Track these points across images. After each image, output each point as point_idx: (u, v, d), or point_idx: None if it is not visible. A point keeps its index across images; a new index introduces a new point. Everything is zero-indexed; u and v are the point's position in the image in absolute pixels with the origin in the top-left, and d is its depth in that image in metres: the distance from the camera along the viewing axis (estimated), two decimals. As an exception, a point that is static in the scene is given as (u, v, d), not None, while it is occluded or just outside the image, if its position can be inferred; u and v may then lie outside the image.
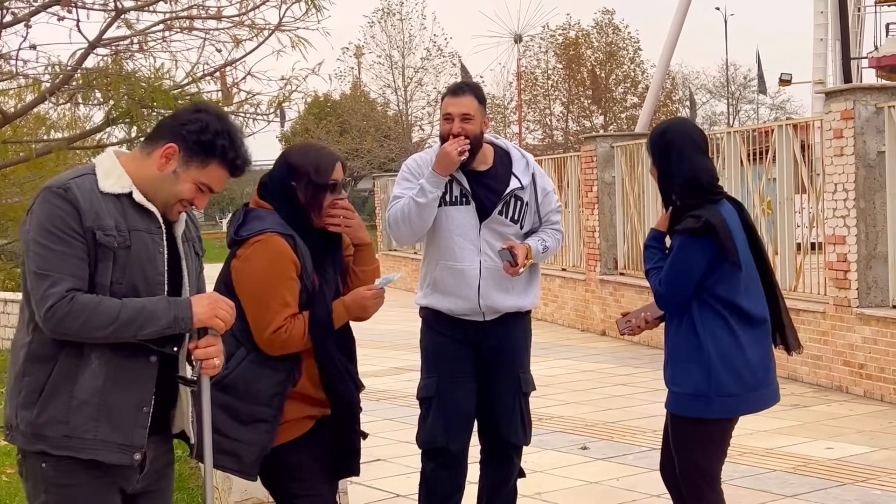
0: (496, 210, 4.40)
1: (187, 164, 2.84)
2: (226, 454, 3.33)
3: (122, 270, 2.76)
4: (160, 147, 2.84)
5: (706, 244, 3.69)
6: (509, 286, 4.42)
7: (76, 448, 2.74)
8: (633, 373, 9.74)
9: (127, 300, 2.72)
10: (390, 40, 40.87)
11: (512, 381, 4.44)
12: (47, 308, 2.67)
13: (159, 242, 2.84)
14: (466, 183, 4.38)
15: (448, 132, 4.35)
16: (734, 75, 51.38)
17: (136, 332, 2.73)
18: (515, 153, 4.55)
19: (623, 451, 6.76)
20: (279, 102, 6.26)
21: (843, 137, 8.41)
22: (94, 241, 2.72)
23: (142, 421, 2.83)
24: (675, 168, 3.78)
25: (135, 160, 2.87)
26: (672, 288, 3.75)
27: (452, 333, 4.43)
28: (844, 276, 8.45)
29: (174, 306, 2.78)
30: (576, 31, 40.25)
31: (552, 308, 14.14)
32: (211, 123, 2.85)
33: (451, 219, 4.38)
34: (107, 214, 2.75)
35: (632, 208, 12.18)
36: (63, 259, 2.69)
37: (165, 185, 2.84)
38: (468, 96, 4.39)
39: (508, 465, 4.52)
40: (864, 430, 7.17)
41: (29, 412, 2.75)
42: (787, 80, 32.99)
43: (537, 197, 4.51)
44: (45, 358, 2.75)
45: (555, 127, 40.82)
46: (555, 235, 4.57)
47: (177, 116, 2.92)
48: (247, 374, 3.35)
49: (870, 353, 8.24)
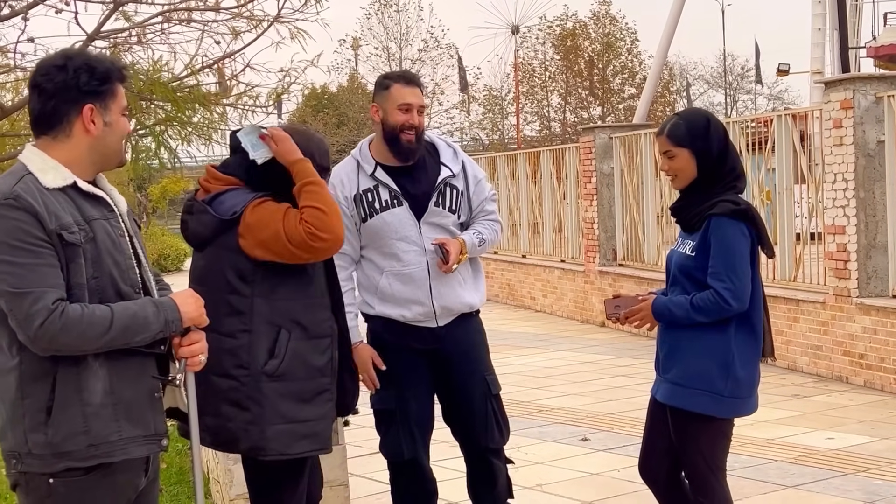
0: (431, 202, 4.22)
1: (107, 107, 2.75)
2: (305, 439, 3.38)
3: (95, 264, 2.67)
4: (75, 119, 2.71)
5: (745, 228, 3.62)
6: (461, 279, 4.26)
7: (105, 454, 2.66)
8: (633, 364, 9.74)
9: (116, 307, 2.64)
10: (387, 32, 40.87)
11: (478, 385, 4.29)
12: (38, 325, 2.54)
13: (117, 226, 2.77)
14: (394, 184, 4.21)
15: (407, 122, 4.16)
16: (732, 66, 51.37)
17: (128, 341, 2.66)
18: (441, 143, 4.37)
19: (623, 442, 6.76)
20: (278, 94, 6.24)
21: (842, 127, 8.40)
22: (61, 242, 2.61)
23: (158, 407, 2.81)
24: (731, 159, 3.72)
25: (56, 149, 2.72)
26: (739, 277, 3.56)
27: (408, 343, 4.25)
28: (844, 266, 8.45)
29: (163, 310, 2.72)
30: (573, 22, 40.20)
31: (551, 300, 14.14)
32: (84, 62, 2.72)
33: (387, 224, 4.20)
34: (63, 212, 2.64)
35: (630, 199, 12.17)
36: (36, 271, 2.57)
37: (107, 140, 2.76)
38: (419, 88, 4.26)
39: (491, 469, 4.38)
40: (864, 420, 7.18)
41: (41, 434, 2.62)
42: (785, 70, 32.98)
43: (468, 186, 4.32)
44: (42, 375, 2.63)
45: (552, 118, 40.78)
46: (492, 226, 4.37)
47: (58, 85, 2.69)
48: (298, 352, 3.37)
49: (870, 343, 8.24)
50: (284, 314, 3.37)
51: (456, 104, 42.17)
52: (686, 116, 3.81)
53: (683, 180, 3.75)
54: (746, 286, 3.61)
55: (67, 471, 2.65)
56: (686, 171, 3.73)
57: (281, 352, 3.34)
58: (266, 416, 3.33)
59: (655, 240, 11.76)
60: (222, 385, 3.34)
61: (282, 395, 3.33)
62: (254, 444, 3.35)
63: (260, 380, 3.33)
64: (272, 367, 3.33)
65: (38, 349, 2.59)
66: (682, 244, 3.79)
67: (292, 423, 3.34)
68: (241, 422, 3.34)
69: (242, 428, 3.34)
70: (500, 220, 4.46)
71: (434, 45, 40.74)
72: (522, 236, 15.47)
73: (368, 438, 5.42)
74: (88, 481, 2.67)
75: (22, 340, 2.60)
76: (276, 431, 3.34)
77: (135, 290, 2.77)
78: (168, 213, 35.55)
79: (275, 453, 3.35)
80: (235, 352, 3.35)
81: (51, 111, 2.72)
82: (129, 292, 2.74)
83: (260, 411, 3.33)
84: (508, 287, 15.54)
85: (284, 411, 3.33)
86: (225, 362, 3.32)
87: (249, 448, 3.37)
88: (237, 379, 3.34)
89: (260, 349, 3.35)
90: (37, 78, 2.73)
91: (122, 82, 2.81)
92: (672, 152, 3.73)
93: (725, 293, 3.57)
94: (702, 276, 3.65)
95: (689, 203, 3.75)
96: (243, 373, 3.34)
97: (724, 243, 3.59)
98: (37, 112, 2.74)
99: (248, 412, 3.33)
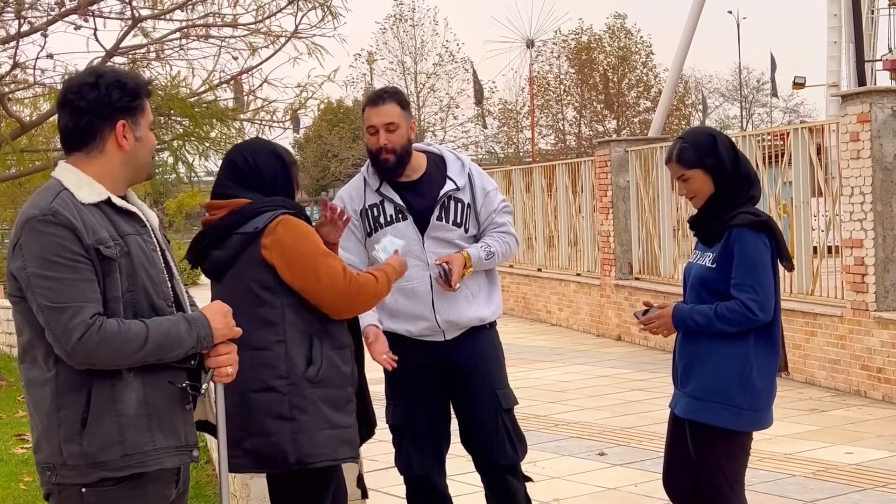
0: (433, 216, 4.18)
1: (137, 123, 2.79)
2: (346, 445, 3.41)
3: (130, 278, 2.70)
4: (109, 135, 2.74)
5: (766, 238, 3.62)
6: (469, 295, 4.21)
7: (139, 464, 2.69)
8: (650, 378, 9.71)
9: (151, 324, 2.68)
10: (402, 46, 40.97)
11: (489, 400, 4.22)
12: (76, 340, 2.58)
13: (150, 241, 2.81)
14: (399, 198, 4.19)
15: (375, 145, 4.14)
16: (747, 79, 51.34)
17: (162, 356, 2.70)
18: (450, 156, 4.34)
19: (641, 456, 6.74)
20: (294, 110, 6.27)
21: (859, 140, 8.38)
22: (98, 257, 2.64)
23: (189, 419, 2.83)
24: (743, 167, 3.72)
25: (90, 165, 2.76)
26: (763, 287, 3.56)
27: (415, 358, 4.21)
28: (862, 280, 8.42)
29: (195, 326, 2.74)
30: (588, 35, 40.25)
31: (567, 313, 14.12)
32: (115, 79, 2.76)
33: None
34: (99, 226, 2.68)
35: (646, 213, 12.15)
36: (75, 286, 2.61)
37: (138, 155, 2.80)
38: (389, 104, 4.16)
39: (507, 487, 4.29)
40: (883, 435, 7.13)
41: (76, 445, 2.65)
42: (801, 83, 32.90)
43: (476, 197, 4.26)
44: (77, 386, 2.66)
45: (568, 132, 40.80)
46: (503, 238, 4.29)
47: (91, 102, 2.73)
48: (332, 360, 3.40)
49: (888, 357, 8.19)
50: (313, 322, 3.39)
51: (471, 118, 42.25)
52: (690, 138, 3.81)
53: (702, 199, 3.76)
54: (771, 297, 3.61)
55: (101, 481, 2.67)
56: (703, 190, 3.74)
57: (318, 358, 3.36)
58: (313, 423, 3.34)
59: (672, 253, 11.74)
60: (263, 400, 3.32)
61: (323, 401, 3.35)
62: (303, 452, 3.33)
63: (303, 386, 3.33)
64: (312, 372, 3.34)
65: (74, 363, 2.63)
66: (700, 256, 3.78)
67: (336, 429, 3.37)
68: (288, 433, 3.32)
69: (290, 439, 3.33)
70: (513, 233, 4.38)
71: (449, 60, 40.82)
72: (538, 250, 15.45)
73: (385, 452, 5.40)
74: (120, 491, 2.70)
75: (59, 354, 2.63)
76: (325, 437, 3.35)
77: (168, 304, 2.80)
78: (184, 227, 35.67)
79: (326, 459, 3.35)
80: (272, 363, 3.34)
81: (84, 128, 2.75)
82: (163, 306, 2.78)
83: (307, 419, 3.33)
84: (524, 300, 15.52)
85: (329, 417, 3.35)
86: (263, 375, 3.32)
87: (299, 458, 3.34)
88: (278, 390, 3.33)
89: (298, 357, 3.35)
90: (68, 96, 2.76)
91: (148, 97, 2.87)
92: (686, 175, 3.74)
93: (751, 304, 3.56)
94: (722, 287, 3.64)
95: (709, 216, 3.75)
96: (284, 382, 3.33)
97: (746, 254, 3.59)
98: (69, 129, 2.77)
99: (294, 422, 3.33)
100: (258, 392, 3.31)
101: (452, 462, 4.51)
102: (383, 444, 4.71)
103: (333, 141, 42.61)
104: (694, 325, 3.68)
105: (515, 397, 4.35)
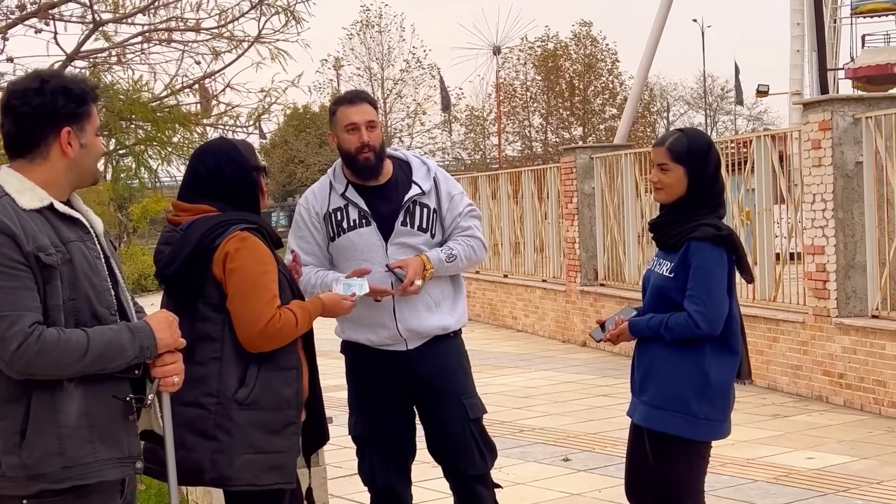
0: (398, 221, 4.12)
1: (83, 129, 2.74)
2: (273, 470, 3.31)
3: (71, 286, 2.65)
4: (53, 142, 2.69)
5: (724, 253, 3.63)
6: (431, 304, 4.13)
7: (79, 476, 2.64)
8: (614, 384, 9.73)
9: (92, 333, 2.62)
10: (369, 52, 40.99)
11: (456, 411, 4.14)
12: (14, 349, 2.52)
13: (93, 248, 2.75)
14: (364, 204, 4.13)
15: (358, 142, 4.07)
16: (711, 86, 51.78)
17: (103, 367, 2.65)
18: (415, 161, 4.27)
19: (605, 462, 6.75)
20: (258, 115, 6.23)
21: (821, 148, 8.45)
22: (38, 264, 2.58)
23: (132, 430, 2.79)
24: (719, 185, 3.75)
25: (33, 171, 2.70)
26: (714, 302, 3.58)
27: (378, 368, 4.16)
28: (823, 286, 8.49)
29: (138, 335, 2.70)
30: (554, 42, 40.44)
31: (532, 319, 14.15)
32: (61, 84, 2.71)
33: (353, 244, 4.12)
34: (40, 233, 2.61)
35: (611, 219, 12.20)
36: (13, 295, 2.54)
37: (83, 161, 2.75)
38: (366, 104, 4.15)
39: (476, 495, 4.23)
40: (844, 440, 7.20)
41: (15, 456, 2.60)
42: (765, 91, 33.28)
43: (441, 202, 4.19)
44: (17, 397, 2.60)
45: (534, 138, 40.96)
46: (467, 242, 4.19)
47: (35, 108, 2.67)
48: (269, 382, 3.32)
49: (849, 363, 8.27)
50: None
51: (438, 124, 42.33)
52: (690, 135, 3.80)
53: (669, 196, 3.74)
54: (720, 312, 3.62)
55: (41, 493, 2.62)
56: (675, 188, 3.72)
57: (251, 381, 3.28)
58: (234, 446, 3.25)
59: (636, 259, 11.79)
60: (189, 414, 3.25)
61: (251, 425, 3.26)
62: (220, 473, 3.26)
63: (230, 408, 3.26)
64: (243, 394, 3.26)
65: (12, 373, 2.58)
66: (658, 264, 3.78)
67: (261, 454, 3.27)
68: (207, 451, 3.25)
69: (208, 458, 3.25)
70: (479, 236, 4.28)
71: (416, 66, 40.90)
72: (504, 256, 15.48)
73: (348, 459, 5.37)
74: (63, 502, 2.65)
75: None
76: (245, 461, 3.26)
77: (111, 312, 2.75)
78: (149, 233, 35.41)
79: (243, 483, 3.27)
80: (205, 379, 3.28)
81: (27, 134, 2.70)
82: (105, 314, 2.72)
83: (228, 440, 3.25)
84: (490, 306, 15.53)
85: (253, 441, 3.26)
86: (193, 390, 3.23)
87: (215, 479, 3.28)
88: (205, 407, 3.27)
89: (230, 377, 3.29)
90: (12, 101, 2.71)
91: (95, 102, 2.81)
92: (667, 166, 3.71)
93: (697, 316, 3.58)
94: (678, 297, 3.66)
95: (671, 221, 3.75)
96: (212, 401, 3.27)
97: (703, 268, 3.61)
98: (13, 135, 2.71)
99: (215, 441, 3.25)
100: (186, 405, 3.22)
101: (418, 468, 4.48)
102: (346, 450, 4.69)
103: (300, 146, 42.52)
104: (649, 333, 3.71)
105: (484, 406, 4.29)
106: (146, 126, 6.03)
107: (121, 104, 5.70)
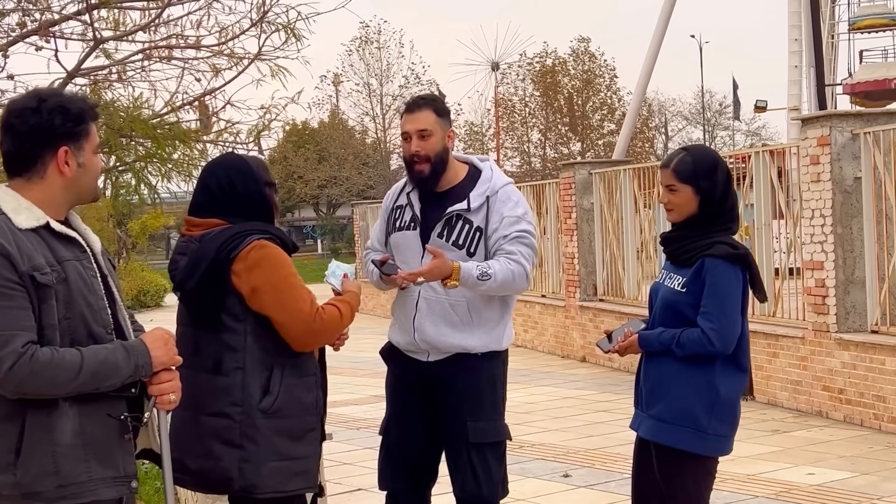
0: (434, 232, 4.03)
1: (81, 148, 2.73)
2: (298, 476, 3.36)
3: (67, 305, 2.64)
4: (50, 161, 2.69)
5: (740, 272, 3.62)
6: (456, 321, 4.02)
7: (74, 495, 2.64)
8: (614, 399, 9.73)
9: (86, 352, 2.62)
10: (368, 68, 41.09)
11: (457, 431, 4.02)
12: (7, 369, 2.52)
13: (90, 267, 2.75)
14: (418, 208, 4.11)
15: (408, 152, 4.07)
16: (710, 102, 51.89)
17: (98, 386, 2.64)
18: (486, 174, 4.12)
19: (605, 478, 6.74)
20: (258, 131, 6.24)
21: (819, 163, 8.47)
22: (33, 284, 2.57)
23: (128, 448, 2.78)
24: (731, 200, 3.72)
25: (30, 190, 2.70)
26: (728, 320, 3.57)
27: (403, 371, 4.19)
28: (823, 302, 8.49)
29: (133, 354, 2.70)
30: (552, 58, 40.57)
31: (532, 335, 14.14)
32: (58, 104, 2.70)
33: (398, 245, 4.16)
34: (35, 252, 2.61)
35: (611, 234, 12.22)
36: (7, 314, 2.54)
37: (81, 181, 2.75)
38: (425, 111, 4.06)
39: None
40: (844, 456, 7.19)
41: (10, 475, 2.60)
42: (763, 106, 33.34)
43: (489, 222, 4.03)
44: (11, 415, 2.60)
45: (532, 154, 41.04)
46: (505, 264, 3.96)
47: (32, 128, 2.67)
48: (292, 390, 3.35)
49: (849, 378, 8.27)
50: (276, 350, 3.35)
51: (437, 140, 42.28)
52: (694, 154, 3.75)
53: (680, 215, 3.72)
54: (734, 330, 3.62)
55: None
56: (685, 208, 3.70)
57: (275, 388, 3.32)
58: (262, 454, 3.30)
59: (636, 275, 11.80)
60: (214, 424, 3.30)
61: (276, 432, 3.31)
62: (249, 482, 3.30)
63: (255, 416, 3.30)
64: (267, 403, 3.30)
65: (6, 392, 2.58)
66: (668, 277, 3.75)
67: (287, 461, 3.32)
68: (235, 460, 3.29)
69: (237, 467, 3.29)
70: (522, 263, 4.01)
71: (415, 82, 40.98)
72: (503, 272, 15.46)
73: (349, 476, 5.41)
74: None
75: None
76: (272, 469, 3.31)
77: (107, 332, 2.74)
78: (148, 249, 35.44)
79: (270, 490, 3.31)
80: (229, 389, 3.31)
81: (24, 153, 2.71)
82: (101, 333, 2.72)
83: (255, 448, 3.30)
84: (489, 322, 15.51)
85: (279, 448, 3.31)
86: (218, 401, 3.29)
87: (244, 487, 3.31)
88: (231, 417, 3.30)
89: (254, 386, 3.32)
90: (10, 119, 2.71)
91: (94, 121, 2.80)
92: (675, 187, 3.69)
93: (711, 333, 3.58)
94: (690, 312, 3.64)
95: (685, 237, 3.73)
96: (237, 410, 3.30)
97: (718, 286, 3.59)
98: (10, 154, 2.72)
99: (242, 450, 3.29)
100: (211, 416, 3.29)
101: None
102: (347, 466, 4.70)
103: (299, 162, 42.58)
104: (659, 347, 3.70)
105: (500, 433, 4.10)
106: (146, 143, 6.04)
107: (121, 121, 5.72)
